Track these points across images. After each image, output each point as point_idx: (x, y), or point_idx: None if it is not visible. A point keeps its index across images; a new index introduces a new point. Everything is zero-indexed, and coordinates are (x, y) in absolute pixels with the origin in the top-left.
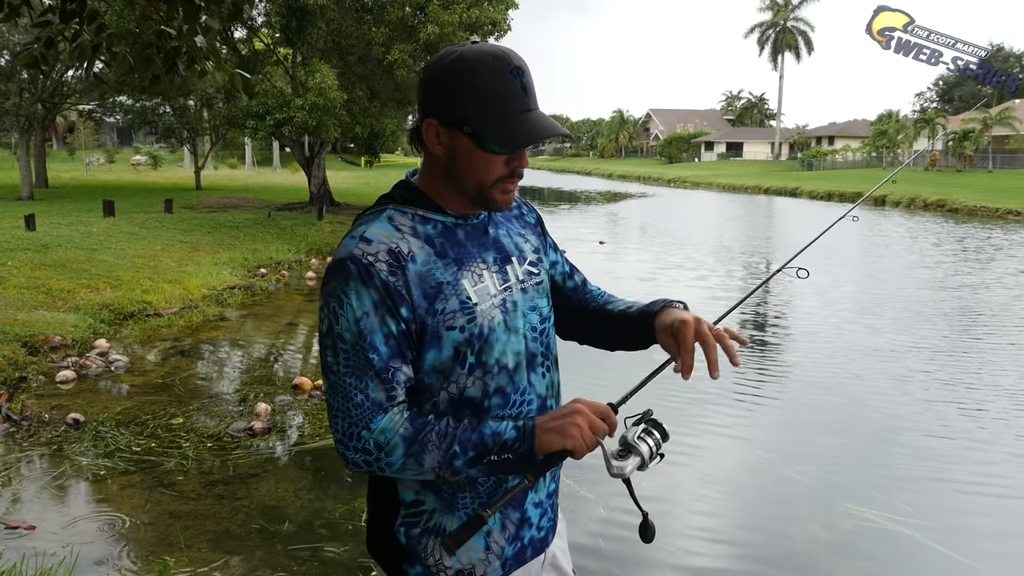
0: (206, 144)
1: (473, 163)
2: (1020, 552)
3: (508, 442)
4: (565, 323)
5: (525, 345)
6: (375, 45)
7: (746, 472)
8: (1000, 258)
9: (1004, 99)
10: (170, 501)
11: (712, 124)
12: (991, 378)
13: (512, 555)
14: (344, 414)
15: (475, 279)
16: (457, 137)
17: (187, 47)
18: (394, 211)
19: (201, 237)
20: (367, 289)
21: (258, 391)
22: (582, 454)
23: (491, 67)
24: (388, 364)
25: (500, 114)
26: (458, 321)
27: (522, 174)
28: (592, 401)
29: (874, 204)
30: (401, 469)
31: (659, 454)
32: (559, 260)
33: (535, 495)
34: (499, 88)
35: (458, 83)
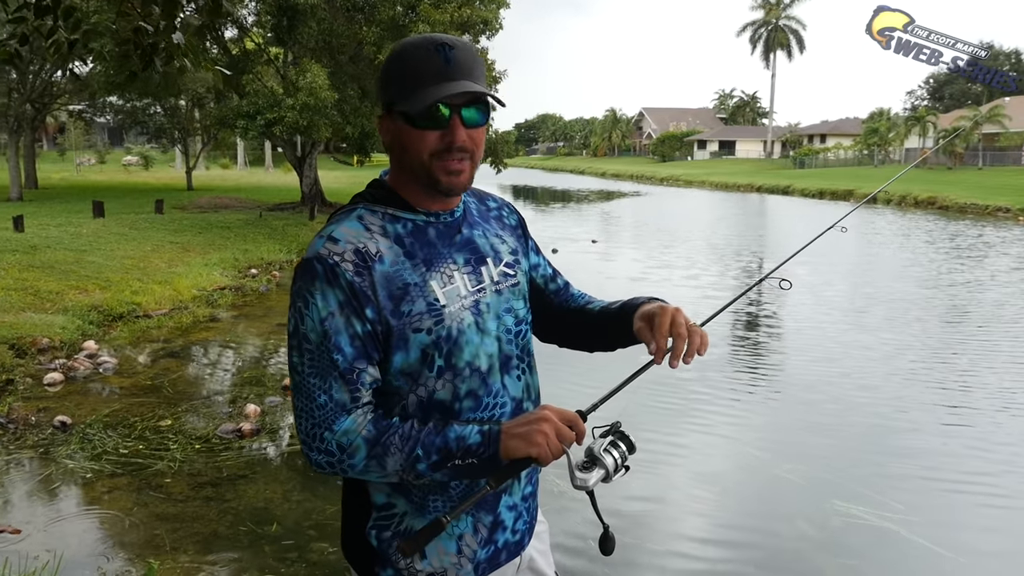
0: (197, 144)
1: (409, 143)
2: (1005, 548)
3: (472, 447)
4: (545, 326)
5: (499, 347)
6: (366, 44)
7: (736, 471)
8: (993, 255)
9: (994, 97)
10: (157, 503)
11: (705, 123)
12: (982, 377)
13: (485, 558)
14: (308, 415)
15: (444, 280)
16: (394, 121)
17: (165, 43)
18: (365, 210)
19: (192, 238)
20: (332, 289)
21: (248, 392)
22: (547, 462)
23: (418, 46)
24: (353, 365)
25: (417, 86)
26: (425, 323)
27: (463, 147)
28: (560, 408)
29: (866, 202)
30: (364, 471)
31: (624, 466)
32: (541, 263)
33: (509, 498)
34: (420, 63)
35: (387, 69)
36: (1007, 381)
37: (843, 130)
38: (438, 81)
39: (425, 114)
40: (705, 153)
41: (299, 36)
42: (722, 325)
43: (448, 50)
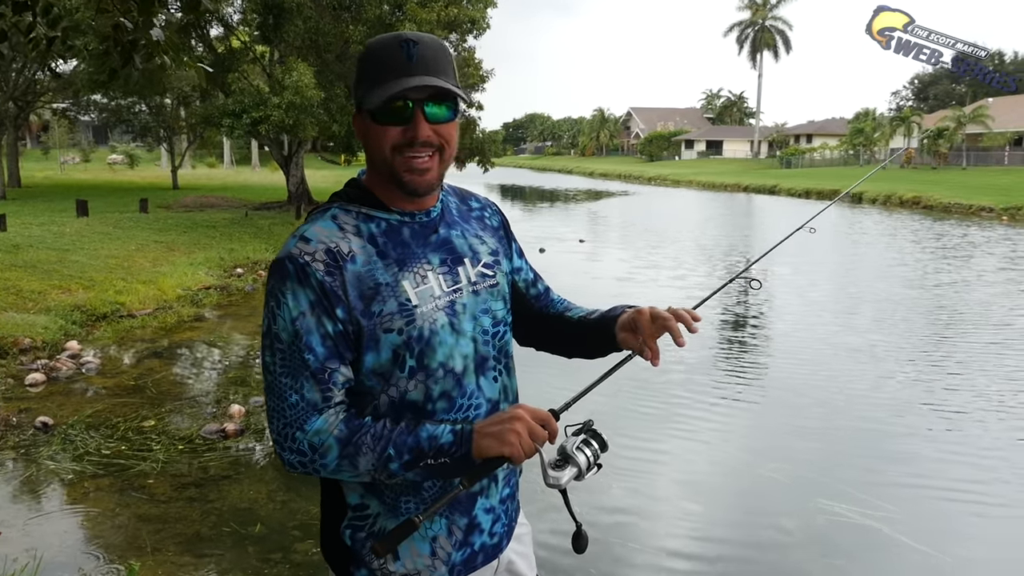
0: (183, 143)
1: (372, 139)
2: (987, 546)
3: (444, 446)
4: (524, 330)
5: (475, 348)
6: (353, 43)
7: (721, 471)
8: (979, 255)
9: (978, 97)
10: (140, 504)
11: (692, 122)
12: (968, 379)
13: (461, 561)
14: (279, 414)
15: (417, 280)
16: (363, 119)
17: (145, 40)
18: (339, 210)
19: (177, 237)
20: (303, 289)
21: (232, 392)
22: (520, 460)
23: (383, 43)
24: (324, 365)
25: (377, 81)
26: (396, 323)
27: (427, 142)
28: (533, 407)
29: (852, 201)
30: (336, 470)
31: (596, 464)
32: (524, 267)
33: (485, 500)
34: (383, 59)
35: (358, 67)
36: (993, 382)
37: (829, 130)
38: (399, 76)
39: (385, 109)
40: (692, 153)
41: (285, 34)
42: (707, 327)
43: (412, 46)
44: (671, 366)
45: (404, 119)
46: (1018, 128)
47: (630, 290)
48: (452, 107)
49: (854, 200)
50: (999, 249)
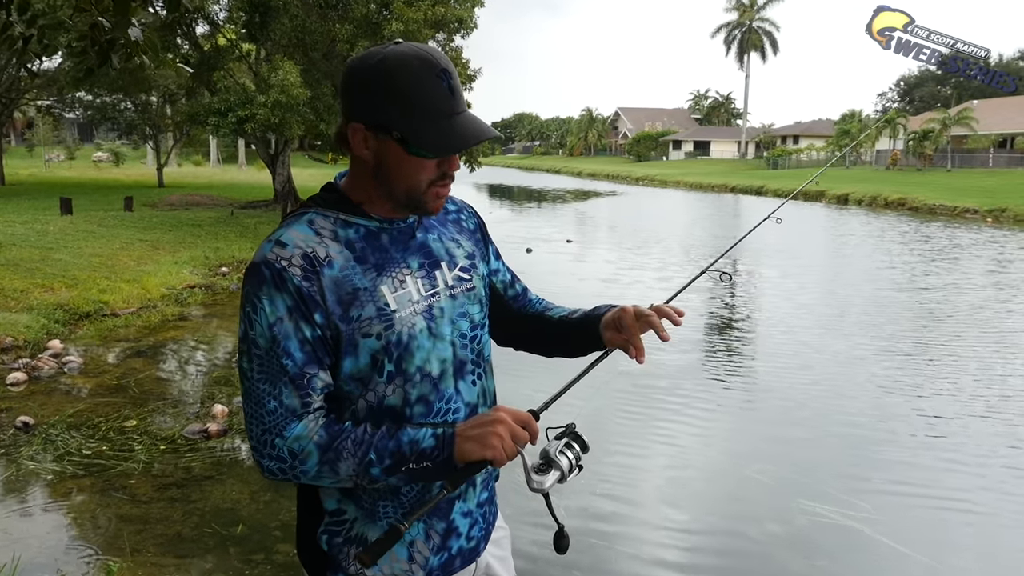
0: (169, 141)
1: (403, 168)
2: (967, 547)
3: (426, 450)
4: (503, 330)
5: (453, 352)
6: (339, 42)
7: (704, 474)
8: (966, 258)
9: (963, 99)
10: (120, 505)
11: (680, 123)
12: (953, 382)
13: (438, 565)
14: (258, 421)
15: (395, 285)
16: (386, 142)
17: (123, 39)
18: (316, 214)
19: (161, 235)
20: (280, 294)
21: (216, 392)
22: (502, 464)
23: (417, 69)
24: (303, 370)
25: (428, 118)
26: (374, 328)
27: (453, 176)
28: (514, 409)
29: (838, 202)
30: (316, 477)
31: (578, 466)
32: (501, 268)
33: (463, 504)
34: (427, 91)
35: (384, 87)
36: (976, 386)
37: (816, 131)
38: (449, 115)
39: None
40: (680, 153)
41: (271, 32)
42: (690, 330)
43: (449, 78)
44: (653, 369)
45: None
46: (1003, 130)
47: (616, 291)
48: None
49: (840, 201)
50: (986, 252)
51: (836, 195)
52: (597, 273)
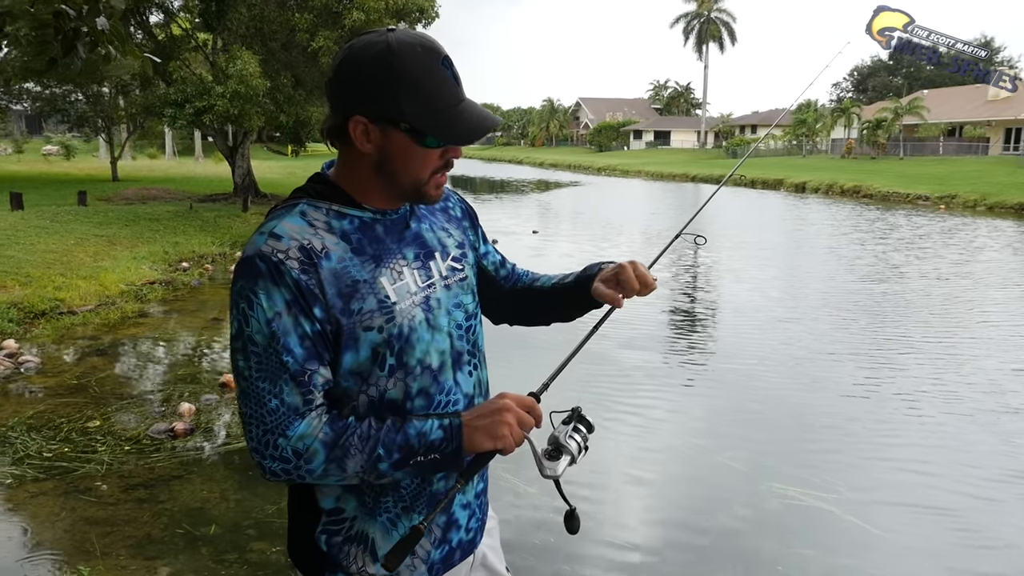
0: (122, 133)
1: (409, 160)
2: (926, 521)
3: (435, 442)
4: (498, 308)
5: (451, 343)
6: (299, 31)
7: (674, 456)
8: (921, 244)
9: (913, 89)
10: (86, 507)
11: (640, 113)
12: (919, 365)
13: (439, 558)
14: (258, 421)
15: (394, 277)
16: (391, 134)
17: (88, 29)
18: (307, 206)
19: (118, 230)
20: (278, 288)
21: (182, 390)
22: (511, 451)
23: (423, 59)
24: (304, 367)
25: (437, 109)
26: (376, 321)
27: (453, 163)
28: (517, 395)
29: (796, 190)
30: (323, 476)
31: (585, 447)
32: (491, 250)
33: (462, 496)
34: (434, 82)
35: (391, 78)
36: (942, 369)
37: (773, 120)
38: (455, 104)
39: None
40: (641, 143)
41: (228, 22)
42: (656, 313)
43: (452, 66)
44: (621, 354)
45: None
46: (951, 119)
47: None
48: None
49: (798, 189)
50: (944, 238)
51: (794, 183)
52: (564, 264)
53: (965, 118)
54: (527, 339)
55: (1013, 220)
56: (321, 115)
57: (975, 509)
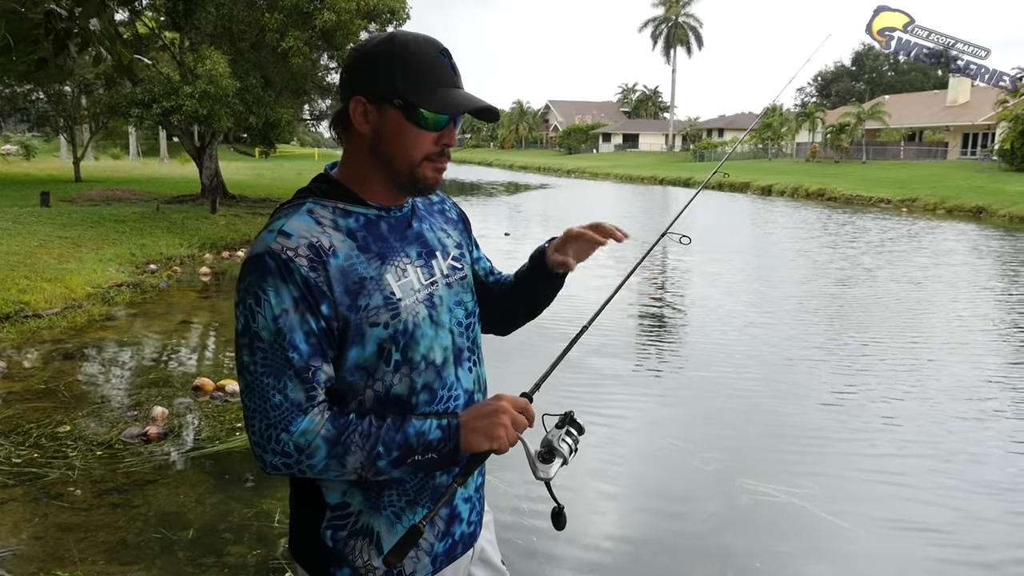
0: (85, 133)
1: (402, 138)
2: (892, 515)
3: (433, 442)
4: (489, 314)
5: (452, 340)
6: (269, 31)
7: (642, 456)
8: (893, 247)
9: (875, 95)
10: (58, 513)
11: (609, 116)
12: (887, 367)
13: (443, 551)
14: (262, 415)
15: (399, 274)
16: (387, 112)
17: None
18: (314, 204)
19: (83, 232)
20: (287, 285)
21: (155, 394)
22: (506, 451)
23: (422, 45)
24: (308, 363)
25: (431, 85)
26: (382, 317)
27: (450, 154)
28: (512, 396)
29: (762, 193)
30: (323, 471)
31: (576, 449)
32: (482, 257)
33: (464, 490)
34: (430, 63)
35: (389, 58)
36: (910, 371)
37: (739, 124)
38: (449, 86)
39: (434, 115)
40: (610, 146)
41: (196, 21)
42: (625, 318)
43: (450, 58)
44: (591, 359)
45: (442, 125)
46: (912, 124)
47: None
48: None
49: (764, 192)
50: (913, 242)
51: (760, 186)
52: None
53: (925, 123)
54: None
55: (972, 223)
56: (290, 116)
57: (944, 506)
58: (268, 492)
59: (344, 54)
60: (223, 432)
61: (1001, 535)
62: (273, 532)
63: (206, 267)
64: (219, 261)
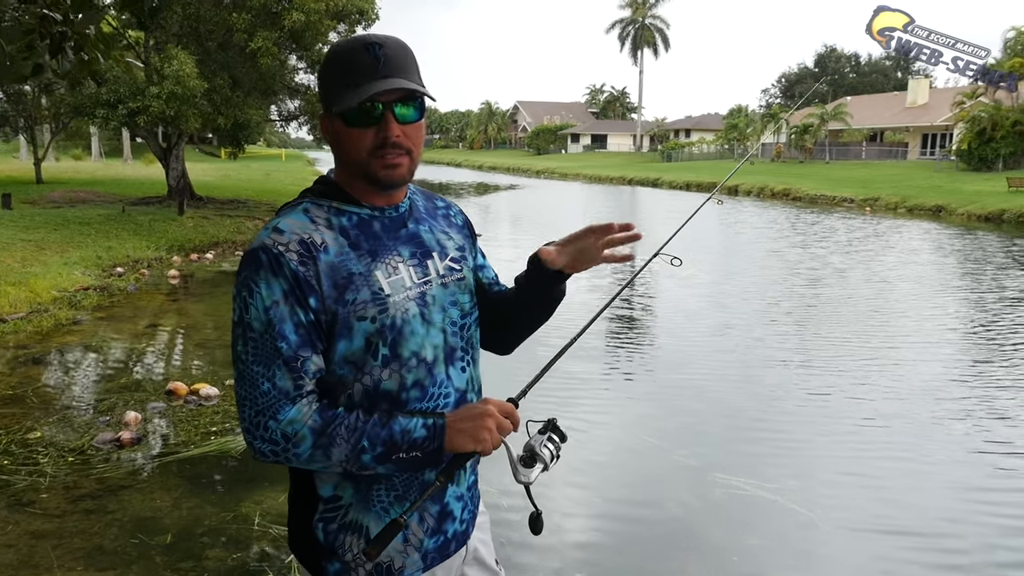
0: (46, 133)
1: (345, 141)
2: (859, 504)
3: (417, 440)
4: (491, 327)
5: (444, 339)
6: (236, 31)
7: (621, 452)
8: (862, 246)
9: (838, 96)
10: (31, 520)
11: (577, 117)
12: (854, 363)
13: (434, 548)
14: (251, 403)
15: (389, 271)
16: (335, 122)
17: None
18: (311, 203)
19: (47, 235)
20: (277, 278)
21: (126, 398)
22: (489, 453)
23: (349, 46)
24: (297, 353)
25: (346, 84)
26: (369, 312)
27: (397, 144)
28: (499, 401)
29: (729, 193)
30: (308, 460)
31: (557, 456)
32: (487, 265)
33: (456, 488)
34: (351, 61)
35: (324, 70)
36: (876, 368)
37: (706, 125)
38: (370, 79)
39: (358, 112)
40: (578, 146)
41: (162, 20)
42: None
43: (378, 48)
44: (562, 362)
45: (375, 120)
46: (873, 125)
47: None
48: (419, 108)
49: (731, 191)
50: (880, 241)
51: (727, 186)
52: (508, 268)
53: (885, 124)
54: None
55: (932, 221)
56: (260, 117)
57: (912, 504)
58: (246, 496)
59: (313, 55)
60: (198, 436)
61: (967, 530)
62: (252, 535)
63: (174, 270)
64: (188, 264)
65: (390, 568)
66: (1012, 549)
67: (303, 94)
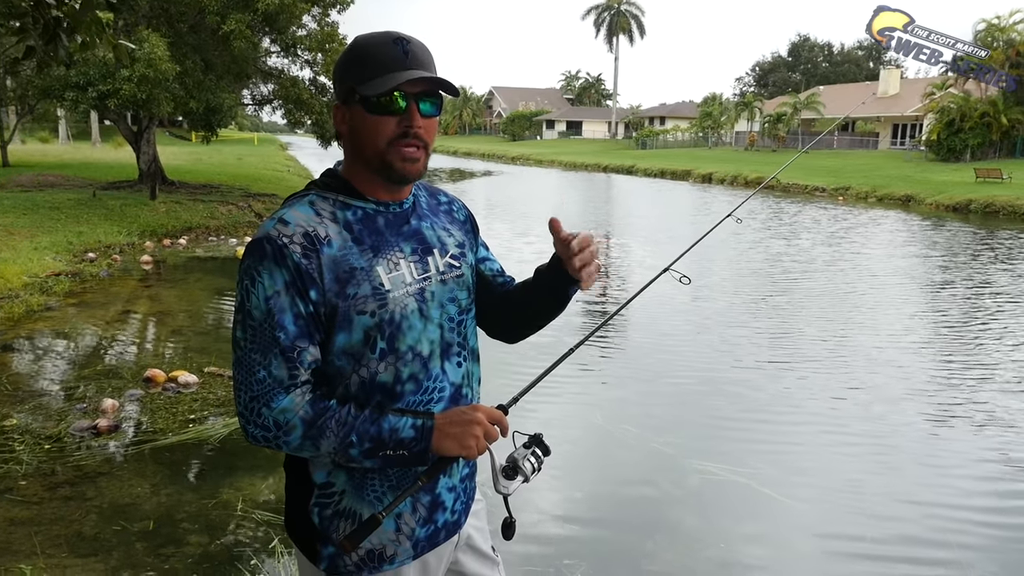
0: (11, 116)
1: (365, 129)
2: (830, 488)
3: (405, 440)
4: (491, 317)
5: (441, 334)
6: (208, 14)
7: (597, 439)
8: (847, 237)
9: (810, 85)
10: (9, 507)
11: (552, 103)
12: (830, 354)
13: (425, 537)
14: (247, 388)
15: (390, 267)
16: (353, 110)
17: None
18: (316, 196)
19: (15, 219)
20: (279, 269)
21: (103, 386)
22: (474, 458)
23: (376, 39)
24: (294, 343)
25: (375, 71)
26: (369, 306)
27: (418, 135)
28: (488, 408)
29: (703, 181)
30: (299, 449)
31: (539, 468)
32: (490, 257)
33: (448, 480)
34: (380, 52)
35: (347, 60)
36: (850, 359)
37: (680, 113)
38: (399, 69)
39: (386, 100)
40: (554, 133)
41: (131, 1)
42: (576, 312)
43: (405, 43)
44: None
45: (399, 109)
46: (846, 114)
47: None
48: (438, 105)
49: (705, 180)
50: (864, 231)
51: (701, 174)
52: None
53: (857, 114)
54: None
55: (902, 211)
56: (233, 101)
57: (886, 492)
58: (226, 482)
59: (287, 38)
60: (176, 424)
61: (934, 512)
62: (234, 521)
63: (147, 255)
64: (161, 249)
65: (382, 555)
66: (979, 525)
67: (277, 78)
